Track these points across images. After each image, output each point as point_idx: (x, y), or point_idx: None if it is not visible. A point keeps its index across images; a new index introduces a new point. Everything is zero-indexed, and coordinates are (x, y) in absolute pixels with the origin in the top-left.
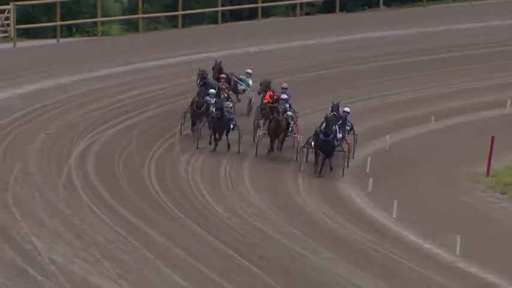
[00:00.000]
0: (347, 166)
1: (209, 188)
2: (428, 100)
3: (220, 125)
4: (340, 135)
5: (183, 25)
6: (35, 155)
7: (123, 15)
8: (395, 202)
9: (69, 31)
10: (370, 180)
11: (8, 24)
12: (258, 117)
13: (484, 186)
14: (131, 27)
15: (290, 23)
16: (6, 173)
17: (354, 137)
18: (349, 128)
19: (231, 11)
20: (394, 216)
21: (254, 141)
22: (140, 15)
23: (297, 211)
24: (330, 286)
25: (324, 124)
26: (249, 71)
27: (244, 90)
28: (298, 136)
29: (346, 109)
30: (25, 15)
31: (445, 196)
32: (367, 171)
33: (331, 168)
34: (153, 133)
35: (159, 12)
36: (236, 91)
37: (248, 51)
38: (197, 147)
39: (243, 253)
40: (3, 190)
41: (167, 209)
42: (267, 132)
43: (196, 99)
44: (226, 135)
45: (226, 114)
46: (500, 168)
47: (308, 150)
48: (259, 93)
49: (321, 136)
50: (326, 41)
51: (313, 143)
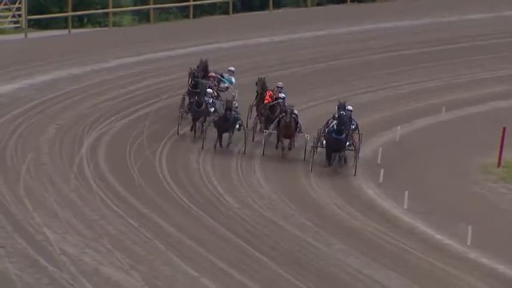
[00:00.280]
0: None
1: (220, 178)
2: (439, 91)
3: (227, 125)
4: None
5: (194, 16)
6: (46, 145)
7: (135, 5)
8: (406, 193)
9: (80, 22)
10: (381, 171)
11: (19, 15)
12: (257, 116)
13: (495, 177)
14: (142, 17)
15: (301, 14)
16: (18, 163)
17: (359, 136)
18: (354, 126)
19: (242, 1)
20: (405, 207)
21: (253, 140)
22: (151, 6)
23: (308, 202)
24: (341, 277)
25: (334, 122)
26: (232, 68)
27: (227, 88)
28: (306, 135)
29: (349, 107)
30: (36, 6)
31: (456, 187)
32: (378, 162)
33: (345, 160)
34: (164, 124)
35: (170, 2)
36: (217, 89)
37: (259, 41)
38: (202, 148)
39: (254, 244)
40: (15, 180)
41: (178, 199)
42: (275, 131)
43: (196, 98)
44: (232, 133)
45: (233, 113)
46: None
47: (316, 148)
48: (257, 92)
49: (334, 135)
50: (337, 32)
51: (324, 142)
